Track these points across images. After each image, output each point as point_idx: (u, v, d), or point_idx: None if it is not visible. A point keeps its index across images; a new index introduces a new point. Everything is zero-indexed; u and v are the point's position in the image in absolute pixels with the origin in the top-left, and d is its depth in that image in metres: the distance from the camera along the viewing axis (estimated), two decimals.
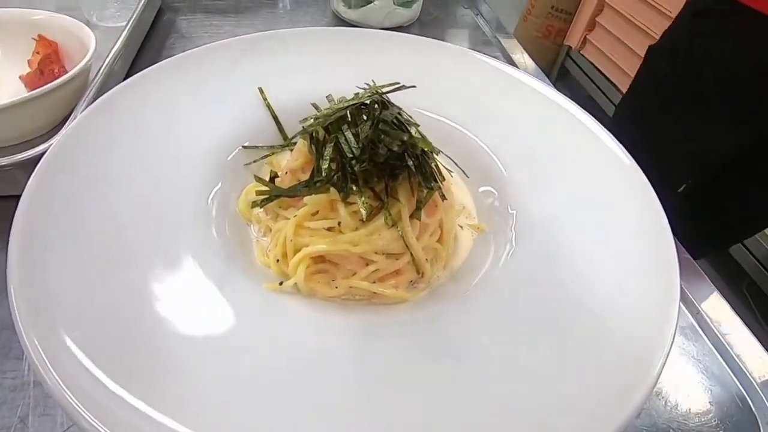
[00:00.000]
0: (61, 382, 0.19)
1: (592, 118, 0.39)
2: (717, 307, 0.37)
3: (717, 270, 1.59)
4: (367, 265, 0.29)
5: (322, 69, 0.42)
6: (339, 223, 0.28)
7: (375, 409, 0.22)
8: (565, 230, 0.32)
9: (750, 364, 0.33)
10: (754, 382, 0.32)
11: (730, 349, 0.34)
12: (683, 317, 0.36)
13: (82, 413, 0.18)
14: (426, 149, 0.28)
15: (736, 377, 0.33)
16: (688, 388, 0.32)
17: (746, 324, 0.36)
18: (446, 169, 0.33)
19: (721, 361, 0.34)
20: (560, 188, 0.35)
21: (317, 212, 0.29)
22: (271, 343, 0.24)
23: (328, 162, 0.27)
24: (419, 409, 0.23)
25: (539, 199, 0.34)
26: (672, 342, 0.25)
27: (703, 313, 0.36)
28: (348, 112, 0.29)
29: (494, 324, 0.27)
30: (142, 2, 0.55)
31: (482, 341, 0.26)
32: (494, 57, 0.48)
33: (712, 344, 0.35)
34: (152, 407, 0.19)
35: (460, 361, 0.25)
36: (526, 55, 0.65)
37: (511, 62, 0.63)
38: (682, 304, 0.34)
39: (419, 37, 0.48)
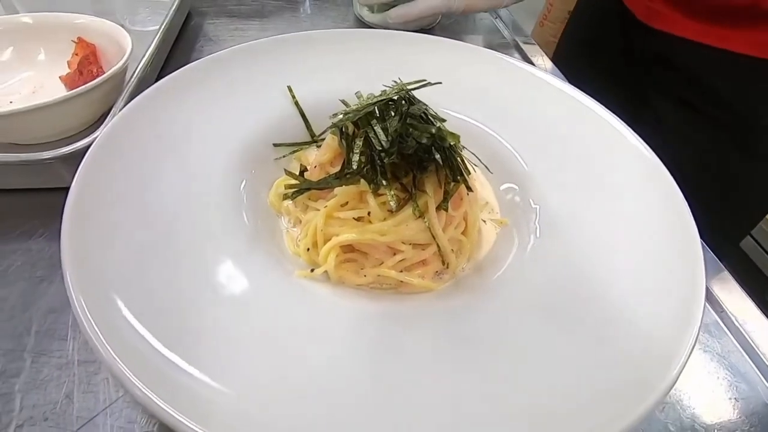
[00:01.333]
0: (113, 352, 0.20)
1: (614, 114, 0.39)
2: (742, 306, 0.37)
3: (738, 277, 1.56)
4: (395, 254, 0.30)
5: (348, 69, 0.43)
6: (368, 213, 0.29)
7: (398, 391, 0.23)
8: (588, 226, 0.33)
9: None
10: None
11: (756, 348, 0.34)
12: (707, 314, 0.36)
13: (135, 381, 0.19)
14: (453, 143, 0.29)
15: (762, 375, 0.33)
16: (713, 385, 0.32)
17: None
18: (471, 163, 0.34)
19: (747, 358, 0.33)
20: (583, 184, 0.35)
21: (347, 203, 0.30)
22: (303, 327, 0.25)
23: (358, 155, 0.29)
24: (440, 394, 0.23)
25: (561, 194, 0.35)
26: (695, 340, 0.25)
27: (727, 311, 0.36)
28: (376, 107, 0.31)
29: (516, 315, 0.28)
30: (173, 8, 0.57)
31: (504, 332, 0.27)
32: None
33: (737, 342, 0.34)
34: (203, 373, 0.20)
35: (483, 349, 0.26)
36: (545, 58, 0.65)
37: (529, 62, 0.63)
38: (706, 302, 0.34)
39: (442, 38, 0.49)
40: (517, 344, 0.26)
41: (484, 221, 0.35)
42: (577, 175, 0.36)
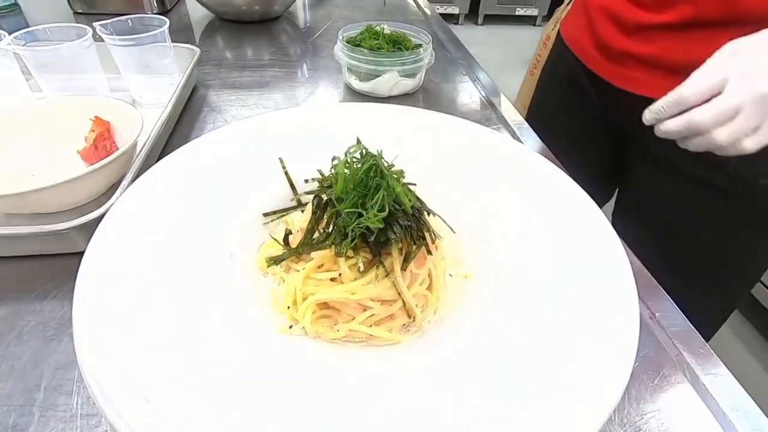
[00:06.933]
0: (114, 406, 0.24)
1: (572, 181, 0.43)
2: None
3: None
4: (365, 310, 0.33)
5: (331, 139, 0.49)
6: (340, 275, 0.33)
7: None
8: (544, 285, 0.35)
9: None
10: None
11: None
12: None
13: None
14: (407, 210, 0.32)
15: None
16: None
17: None
18: (440, 219, 0.38)
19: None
20: (537, 244, 0.38)
21: (322, 265, 0.34)
22: (284, 379, 0.29)
23: (324, 224, 0.33)
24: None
25: (522, 254, 0.38)
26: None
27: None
28: None
29: (474, 362, 0.31)
30: (181, 83, 0.64)
31: (464, 377, 0.30)
32: (489, 119, 0.57)
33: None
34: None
35: (443, 395, 0.29)
36: (518, 115, 0.71)
37: (505, 122, 0.69)
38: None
39: (415, 108, 0.55)
40: (475, 386, 0.29)
41: (451, 275, 0.39)
42: (538, 239, 0.39)
